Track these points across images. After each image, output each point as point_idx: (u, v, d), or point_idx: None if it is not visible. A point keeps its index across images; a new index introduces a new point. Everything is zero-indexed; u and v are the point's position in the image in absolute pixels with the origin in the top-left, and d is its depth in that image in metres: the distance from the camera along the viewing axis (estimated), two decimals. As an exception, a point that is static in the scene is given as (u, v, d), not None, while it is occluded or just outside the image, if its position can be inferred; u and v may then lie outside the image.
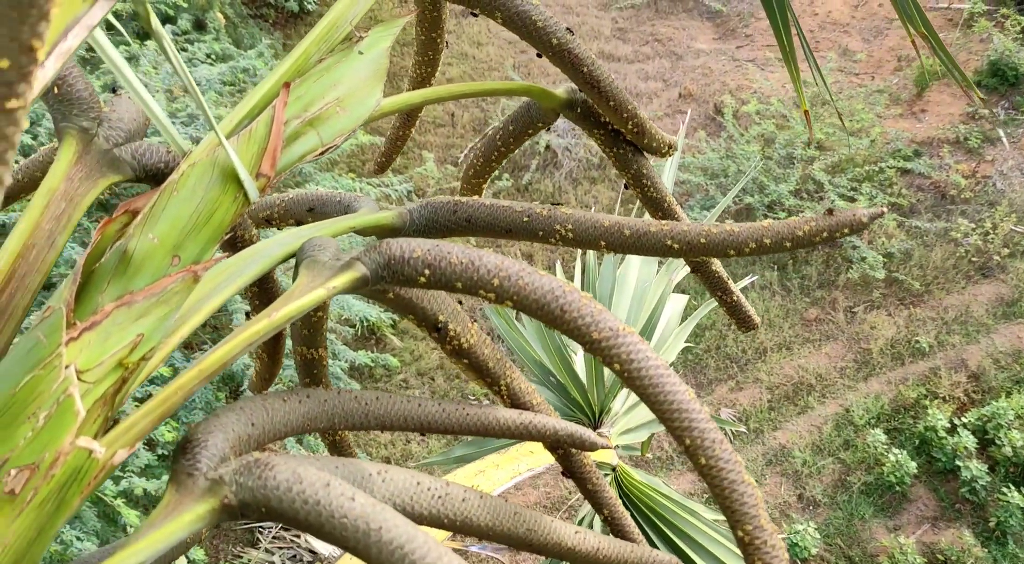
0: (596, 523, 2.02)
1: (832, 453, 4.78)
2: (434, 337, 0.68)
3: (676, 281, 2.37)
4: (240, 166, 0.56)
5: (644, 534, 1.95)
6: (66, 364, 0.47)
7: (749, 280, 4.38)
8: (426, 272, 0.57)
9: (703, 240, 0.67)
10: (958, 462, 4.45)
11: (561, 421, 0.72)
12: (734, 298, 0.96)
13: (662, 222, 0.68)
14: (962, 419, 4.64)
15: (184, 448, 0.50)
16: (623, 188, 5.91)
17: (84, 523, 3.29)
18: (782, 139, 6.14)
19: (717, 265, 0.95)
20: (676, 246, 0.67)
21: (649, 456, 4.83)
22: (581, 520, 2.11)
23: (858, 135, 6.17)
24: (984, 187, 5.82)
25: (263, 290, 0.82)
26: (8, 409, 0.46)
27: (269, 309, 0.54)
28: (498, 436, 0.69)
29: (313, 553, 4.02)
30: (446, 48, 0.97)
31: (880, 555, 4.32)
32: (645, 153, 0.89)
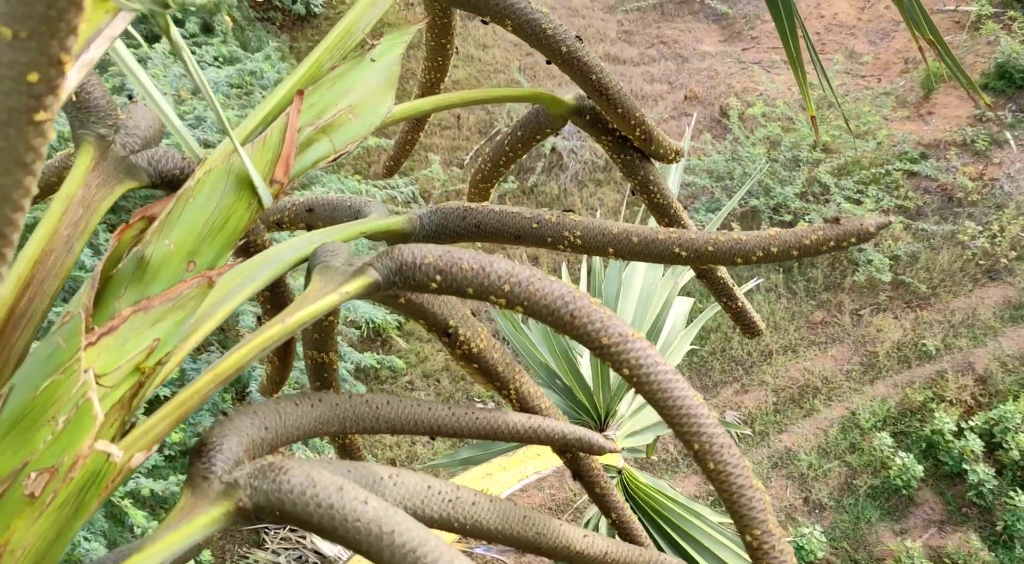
0: (602, 525, 2.02)
1: (838, 456, 4.78)
2: (444, 342, 0.69)
3: (681, 284, 2.38)
4: (255, 173, 0.57)
5: (649, 536, 1.95)
6: (85, 368, 0.48)
7: (754, 282, 4.39)
8: (437, 278, 0.58)
9: (711, 248, 0.67)
10: (965, 466, 4.44)
11: (569, 425, 0.73)
12: (739, 304, 0.96)
13: (670, 230, 0.69)
14: (969, 422, 4.63)
15: (199, 451, 0.51)
16: (628, 191, 5.90)
17: (92, 523, 3.30)
18: (788, 141, 6.14)
19: (723, 271, 0.95)
20: (684, 254, 0.68)
21: (654, 458, 4.83)
22: (587, 522, 2.12)
23: (864, 137, 6.16)
24: (991, 190, 5.81)
25: (274, 294, 0.82)
26: (28, 413, 0.46)
27: (282, 314, 0.55)
28: (507, 440, 0.69)
29: (319, 555, 4.03)
30: (456, 54, 0.97)
31: (886, 559, 4.31)
32: (652, 159, 0.90)
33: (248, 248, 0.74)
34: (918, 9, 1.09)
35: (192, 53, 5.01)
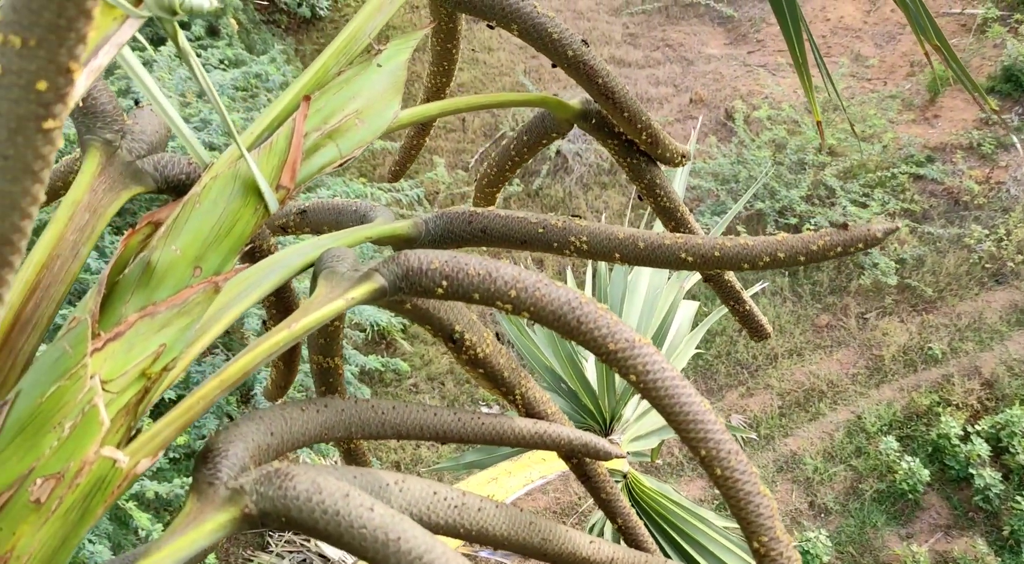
0: (607, 529, 2.02)
1: (844, 460, 4.76)
2: (450, 347, 0.69)
3: (687, 288, 2.37)
4: (261, 179, 0.57)
5: (655, 541, 1.95)
6: (91, 374, 0.48)
7: (760, 286, 4.38)
8: (444, 284, 0.57)
9: (717, 254, 0.67)
10: (971, 470, 4.42)
11: (576, 430, 0.73)
12: (747, 308, 0.96)
13: (676, 235, 0.69)
14: (975, 427, 4.61)
15: (205, 457, 0.51)
16: (634, 194, 5.90)
17: (96, 526, 3.30)
18: (793, 144, 6.13)
19: (730, 275, 0.95)
20: (691, 259, 0.68)
21: (659, 462, 4.82)
22: (592, 526, 2.11)
23: (870, 141, 6.15)
24: (998, 193, 5.79)
25: (280, 299, 0.82)
26: (34, 418, 0.46)
27: (289, 320, 0.55)
28: (513, 445, 0.69)
29: (323, 558, 4.03)
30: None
31: (892, 563, 4.30)
32: (658, 163, 0.90)
33: (254, 253, 0.74)
34: (924, 14, 1.09)
35: (198, 56, 5.02)
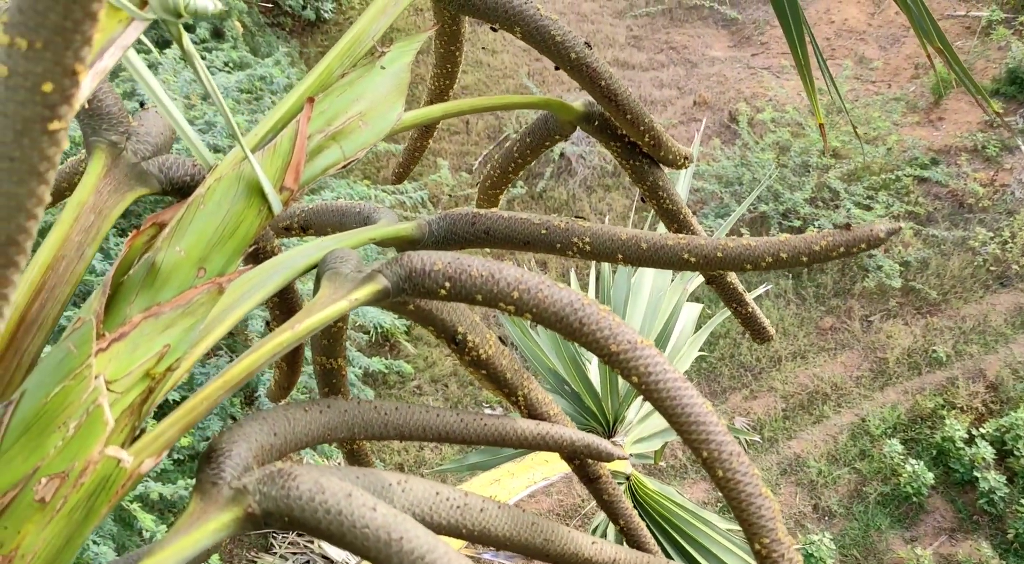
0: (610, 531, 2.01)
1: (848, 463, 4.75)
2: (452, 348, 0.69)
3: (690, 290, 2.37)
4: (265, 180, 0.57)
5: (657, 543, 1.95)
6: (96, 374, 0.48)
7: (764, 288, 4.37)
8: (446, 285, 0.58)
9: (720, 254, 0.67)
10: (976, 473, 4.41)
11: (578, 432, 0.73)
12: (749, 310, 0.96)
13: (679, 236, 0.69)
14: (980, 430, 4.60)
15: (209, 457, 0.51)
16: (638, 196, 5.90)
17: (100, 527, 3.31)
18: (797, 147, 6.13)
19: (732, 277, 0.95)
20: (693, 260, 0.68)
21: (663, 465, 4.82)
22: (595, 528, 2.11)
23: (874, 143, 6.14)
24: (1002, 196, 5.78)
25: (284, 300, 0.83)
26: (39, 418, 0.47)
27: (292, 321, 0.55)
28: (516, 446, 0.69)
29: (327, 559, 4.03)
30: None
31: (896, 566, 4.29)
32: (661, 165, 0.90)
33: (258, 254, 0.74)
34: (926, 16, 1.09)
35: (202, 58, 5.04)
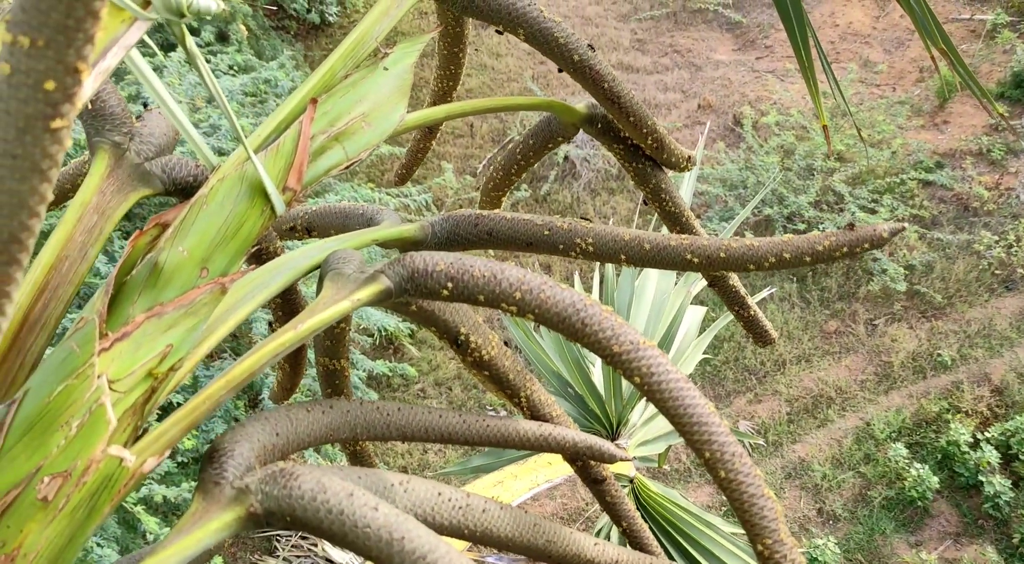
0: (613, 534, 2.01)
1: (852, 467, 4.74)
2: (455, 349, 0.69)
3: (694, 293, 2.37)
4: (268, 180, 0.57)
5: (661, 546, 1.94)
6: (98, 374, 0.48)
7: (768, 291, 4.37)
8: (449, 285, 0.58)
9: (723, 254, 0.67)
10: (981, 477, 4.40)
11: (580, 433, 0.73)
12: (751, 313, 0.96)
13: (682, 236, 0.69)
14: (985, 434, 4.59)
15: (211, 457, 0.51)
16: (642, 201, 5.89)
17: (104, 529, 3.32)
18: (802, 150, 6.12)
19: (735, 279, 0.95)
20: (696, 260, 0.68)
21: (666, 468, 4.81)
22: (599, 531, 2.11)
23: (879, 147, 6.13)
24: (1007, 199, 5.77)
25: (286, 301, 0.83)
26: (42, 417, 0.47)
27: (295, 321, 0.55)
28: (518, 448, 0.69)
29: (330, 562, 4.03)
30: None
31: (901, 571, 4.28)
32: (664, 168, 0.90)
33: (261, 255, 0.74)
34: (930, 19, 1.09)
35: (207, 62, 5.05)
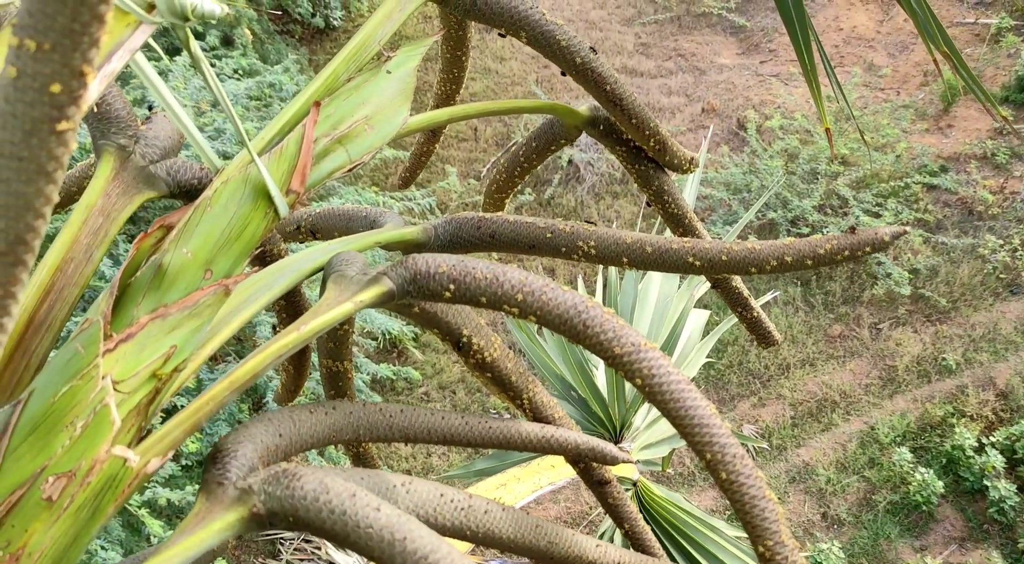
0: (617, 538, 2.01)
1: (857, 471, 4.73)
2: (458, 351, 0.69)
3: (698, 296, 2.37)
4: (271, 183, 0.58)
5: (664, 549, 1.94)
6: (103, 375, 0.48)
7: (772, 295, 4.36)
8: (451, 287, 0.58)
9: (724, 258, 0.67)
10: (986, 482, 4.38)
11: (583, 435, 0.73)
12: (754, 314, 0.96)
13: (684, 239, 0.69)
14: (990, 438, 4.57)
15: (214, 458, 0.51)
16: (645, 203, 5.89)
17: (109, 532, 3.32)
18: (806, 154, 6.12)
19: (738, 281, 0.95)
20: (698, 263, 0.68)
21: (670, 471, 4.80)
22: (602, 535, 2.11)
23: (883, 150, 6.12)
24: (1012, 203, 5.76)
25: (290, 303, 0.83)
26: (47, 418, 0.47)
27: (298, 322, 0.55)
28: (520, 449, 0.69)
29: (334, 565, 4.03)
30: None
31: (906, 575, 4.26)
32: (667, 170, 0.90)
33: (264, 257, 0.75)
34: (933, 22, 1.09)
35: (212, 66, 5.07)
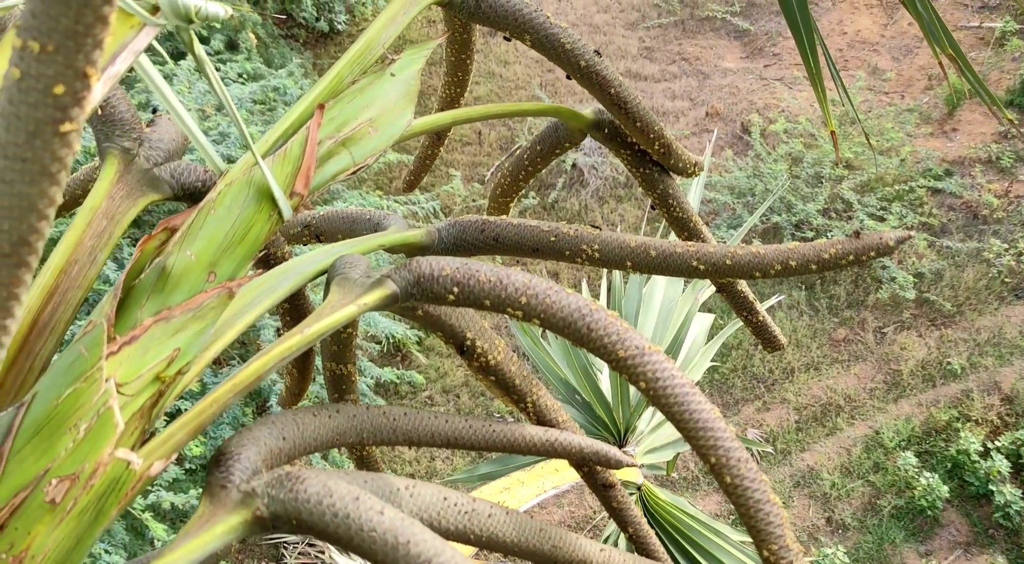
0: (621, 542, 2.00)
1: (862, 476, 4.71)
2: (461, 355, 0.69)
3: (702, 300, 2.37)
4: (275, 185, 0.58)
5: (668, 554, 1.94)
6: (106, 377, 0.48)
7: (777, 299, 4.36)
8: (455, 290, 0.58)
9: (729, 262, 0.67)
10: (991, 486, 4.37)
11: (587, 438, 0.73)
12: (760, 318, 0.96)
13: (688, 243, 0.69)
14: (995, 443, 4.56)
15: (218, 461, 0.51)
16: (649, 207, 5.89)
17: (112, 536, 3.32)
18: (810, 158, 6.11)
19: (743, 285, 0.95)
20: (702, 267, 0.68)
21: (675, 476, 4.79)
22: (606, 539, 2.10)
23: (888, 154, 6.11)
24: (1017, 207, 5.74)
25: (294, 306, 0.83)
26: (51, 420, 0.47)
27: (301, 325, 0.55)
28: (524, 453, 0.69)
29: (337, 569, 4.02)
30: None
31: (911, 581, 4.24)
32: (672, 173, 0.90)
33: (268, 260, 0.75)
34: (938, 25, 1.09)
35: (216, 70, 5.08)
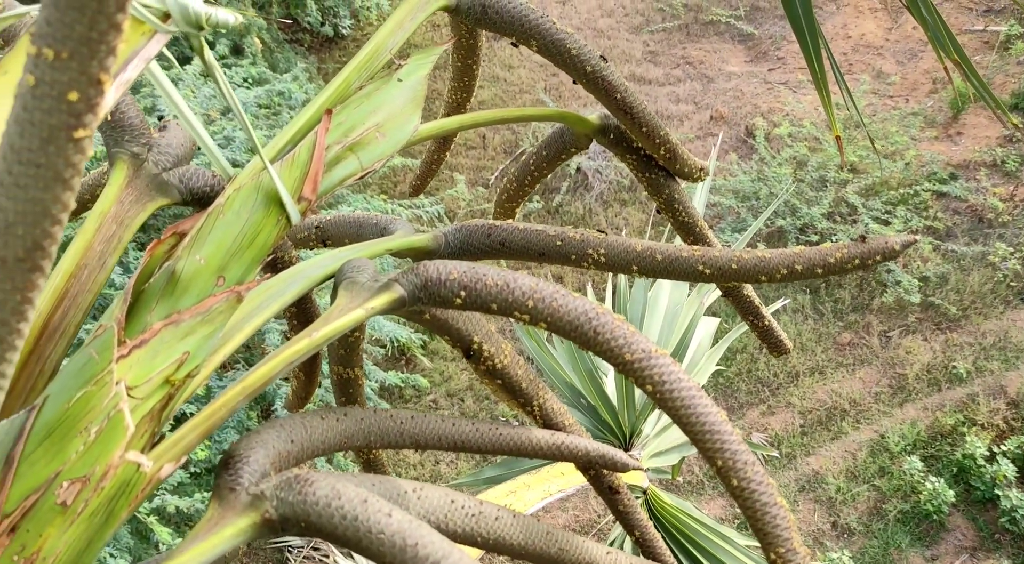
0: (627, 545, 2.00)
1: (867, 480, 4.70)
2: (468, 358, 0.69)
3: (707, 304, 2.37)
4: (283, 190, 0.58)
5: (675, 557, 1.93)
6: (117, 380, 0.49)
7: (781, 303, 4.35)
8: (462, 294, 0.58)
9: (734, 266, 0.67)
10: (997, 491, 4.35)
11: (593, 442, 0.73)
12: (766, 323, 0.96)
13: (694, 247, 0.69)
14: (1001, 447, 4.54)
15: (227, 463, 0.52)
16: (654, 210, 5.90)
17: (117, 540, 3.33)
18: (815, 162, 6.10)
19: (749, 290, 0.95)
20: (707, 271, 0.68)
21: (680, 480, 4.79)
22: (612, 542, 2.10)
23: (892, 158, 6.11)
24: (1022, 211, 5.73)
25: (301, 310, 0.83)
26: (61, 423, 0.47)
27: (310, 329, 0.56)
28: (530, 456, 0.69)
29: (342, 573, 4.02)
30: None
31: (917, 585, 4.23)
32: (677, 178, 0.90)
33: (276, 264, 0.75)
34: (943, 29, 1.09)
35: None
